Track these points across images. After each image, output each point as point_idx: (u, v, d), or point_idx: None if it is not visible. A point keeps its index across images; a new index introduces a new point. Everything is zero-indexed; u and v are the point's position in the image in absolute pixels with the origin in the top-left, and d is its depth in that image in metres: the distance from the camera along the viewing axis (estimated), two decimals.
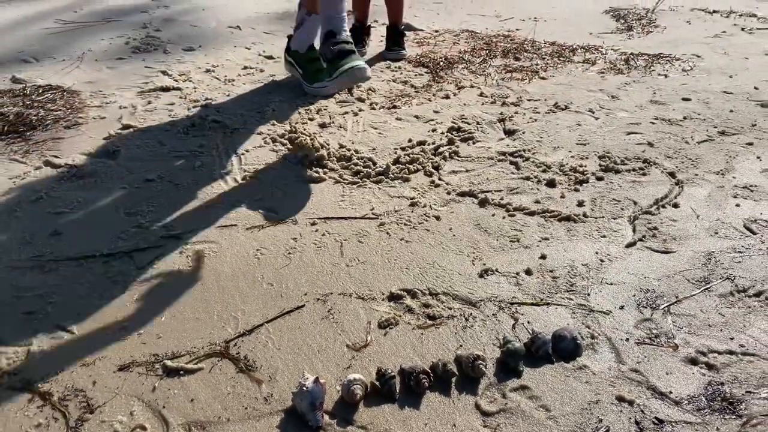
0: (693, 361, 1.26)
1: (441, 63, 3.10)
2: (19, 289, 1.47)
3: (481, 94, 2.68)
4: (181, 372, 1.23)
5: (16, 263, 1.56)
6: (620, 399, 1.17)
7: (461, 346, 1.29)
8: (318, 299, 1.44)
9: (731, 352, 1.28)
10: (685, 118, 2.46)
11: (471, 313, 1.38)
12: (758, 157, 2.12)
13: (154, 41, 3.43)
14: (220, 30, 3.66)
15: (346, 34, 2.36)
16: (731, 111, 2.53)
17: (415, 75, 2.95)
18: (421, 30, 3.73)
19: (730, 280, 1.50)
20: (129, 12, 3.98)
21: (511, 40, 3.50)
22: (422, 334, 1.33)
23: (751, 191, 1.91)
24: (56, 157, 2.11)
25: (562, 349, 1.26)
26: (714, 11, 4.11)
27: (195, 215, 1.78)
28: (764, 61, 3.15)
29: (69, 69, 2.99)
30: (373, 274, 1.53)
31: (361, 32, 3.31)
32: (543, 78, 2.90)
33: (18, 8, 3.96)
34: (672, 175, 2.00)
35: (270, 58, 3.21)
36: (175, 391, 1.18)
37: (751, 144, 2.23)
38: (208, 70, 2.99)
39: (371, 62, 3.19)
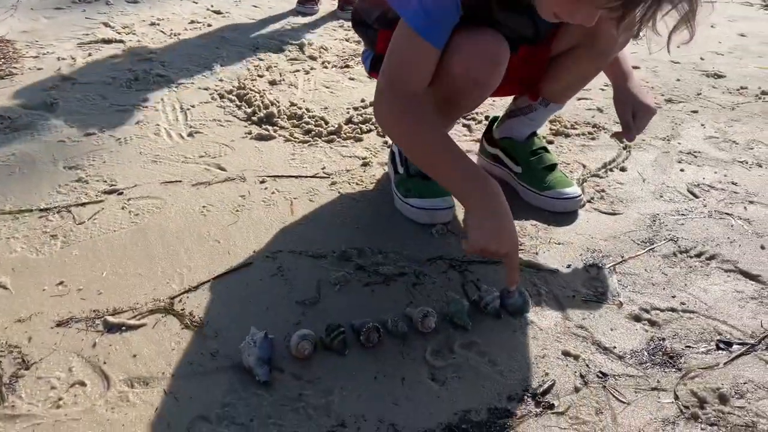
0: (636, 318, 1.29)
1: None
2: None
3: None
4: (123, 328, 1.19)
5: None
6: (566, 354, 1.19)
7: (411, 302, 1.29)
8: (267, 257, 1.41)
9: (673, 310, 1.31)
10: None
11: (422, 271, 1.38)
12: (702, 125, 2.18)
13: None
14: None
15: None
16: (678, 80, 2.58)
17: None
18: None
19: (673, 241, 1.54)
20: None
21: None
22: (373, 291, 1.32)
23: (695, 157, 1.95)
24: None
25: (510, 305, 1.27)
26: None
27: (138, 170, 1.72)
28: (710, 33, 3.21)
29: (2, 17, 2.83)
30: (324, 232, 1.50)
31: None
32: None
33: None
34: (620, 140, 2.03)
35: (218, 12, 3.11)
36: (117, 346, 1.14)
37: (696, 112, 2.28)
38: (153, 24, 2.87)
39: (324, 21, 3.12)
